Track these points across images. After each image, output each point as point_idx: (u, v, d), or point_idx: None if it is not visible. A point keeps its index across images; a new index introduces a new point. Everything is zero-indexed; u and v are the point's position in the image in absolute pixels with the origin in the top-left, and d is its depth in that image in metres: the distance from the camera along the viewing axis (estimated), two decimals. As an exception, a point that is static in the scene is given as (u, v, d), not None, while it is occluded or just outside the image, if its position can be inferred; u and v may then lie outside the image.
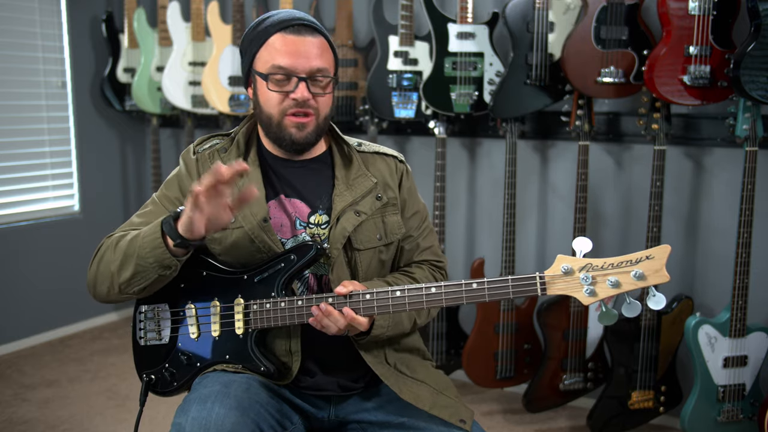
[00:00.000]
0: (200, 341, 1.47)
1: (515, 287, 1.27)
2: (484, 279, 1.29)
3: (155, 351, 1.51)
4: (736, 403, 2.36)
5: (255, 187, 1.37)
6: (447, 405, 1.44)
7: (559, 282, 1.23)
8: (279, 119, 1.43)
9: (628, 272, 1.18)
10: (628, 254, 1.19)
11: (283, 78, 1.41)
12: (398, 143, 3.20)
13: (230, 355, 1.45)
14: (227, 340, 1.45)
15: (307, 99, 1.41)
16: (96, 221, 3.80)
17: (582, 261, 1.22)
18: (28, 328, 3.52)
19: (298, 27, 1.41)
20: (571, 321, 2.62)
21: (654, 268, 1.17)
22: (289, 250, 1.43)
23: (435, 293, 1.32)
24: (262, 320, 1.41)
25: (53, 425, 2.70)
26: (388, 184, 1.54)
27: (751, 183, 2.25)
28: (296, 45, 1.40)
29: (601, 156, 2.78)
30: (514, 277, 1.27)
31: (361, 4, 3.14)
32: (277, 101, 1.42)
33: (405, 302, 1.34)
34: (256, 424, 1.29)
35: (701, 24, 2.26)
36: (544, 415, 2.80)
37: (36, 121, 3.54)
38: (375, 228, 1.49)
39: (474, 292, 1.29)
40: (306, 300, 1.38)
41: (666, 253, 1.17)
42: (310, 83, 1.41)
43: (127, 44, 3.59)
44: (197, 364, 1.47)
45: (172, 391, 1.51)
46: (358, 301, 1.36)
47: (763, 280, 2.51)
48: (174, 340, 1.49)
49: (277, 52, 1.40)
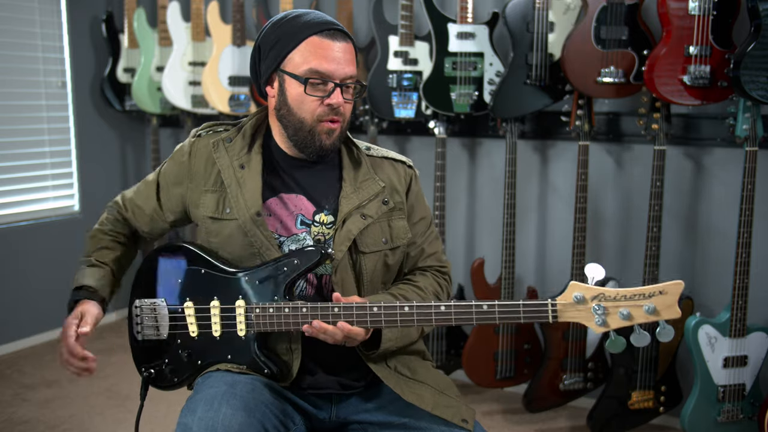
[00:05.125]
0: (200, 340, 1.46)
1: (526, 312, 1.27)
2: (495, 302, 1.28)
3: (154, 346, 1.50)
4: (736, 403, 2.36)
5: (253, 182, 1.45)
6: (449, 405, 1.44)
7: (571, 310, 1.23)
8: (312, 125, 1.42)
9: (641, 306, 1.19)
10: (642, 287, 1.20)
11: (320, 82, 1.40)
12: (398, 143, 3.21)
13: (232, 355, 1.44)
14: (229, 340, 1.44)
15: (341, 104, 1.41)
16: (96, 221, 3.78)
17: (595, 290, 1.22)
18: (28, 328, 3.52)
19: (333, 32, 1.40)
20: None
21: (666, 303, 1.18)
22: (293, 253, 1.41)
23: (444, 311, 1.32)
24: (264, 324, 1.40)
25: (53, 425, 2.70)
26: (396, 189, 1.53)
27: (751, 183, 2.25)
28: (333, 50, 1.39)
29: (601, 156, 2.78)
30: (525, 302, 1.27)
31: (361, 4, 3.14)
32: (313, 107, 1.41)
33: (413, 318, 1.33)
34: (262, 424, 1.29)
35: (701, 24, 2.26)
36: (544, 415, 2.80)
37: (36, 121, 3.54)
38: (381, 232, 1.49)
39: (484, 314, 1.29)
40: (311, 308, 1.36)
41: (679, 289, 1.18)
42: (344, 90, 1.41)
43: (127, 44, 3.59)
44: (198, 362, 1.46)
45: (172, 386, 1.51)
46: (365, 314, 1.35)
47: (763, 280, 2.51)
48: (173, 337, 1.48)
49: (313, 56, 1.38)
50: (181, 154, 1.55)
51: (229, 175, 1.47)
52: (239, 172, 1.46)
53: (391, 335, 1.43)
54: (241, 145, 1.50)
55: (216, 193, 1.48)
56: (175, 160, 1.56)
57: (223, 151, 1.49)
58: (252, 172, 1.47)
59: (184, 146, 1.56)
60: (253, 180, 1.46)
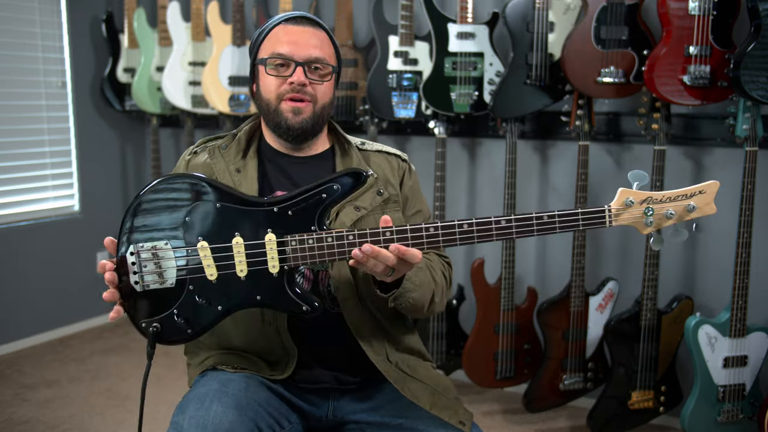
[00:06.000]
0: (220, 282, 1.29)
1: (585, 219, 1.29)
2: (555, 212, 1.29)
3: (158, 296, 1.31)
4: (736, 403, 2.36)
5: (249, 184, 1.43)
6: (447, 406, 1.44)
7: (624, 213, 1.30)
8: (276, 104, 1.46)
9: (683, 205, 1.29)
10: (683, 188, 1.30)
11: (281, 63, 1.44)
12: (398, 143, 3.20)
13: (262, 295, 1.30)
14: (257, 280, 1.29)
15: (303, 83, 1.43)
16: (96, 221, 3.80)
17: (643, 194, 1.30)
18: (28, 328, 3.52)
19: (299, 19, 1.47)
20: (571, 321, 2.62)
21: (705, 201, 1.29)
22: (330, 179, 1.29)
23: (505, 225, 1.29)
24: (303, 257, 1.28)
25: (53, 425, 2.70)
26: (389, 181, 1.54)
27: (751, 183, 2.25)
28: (296, 34, 1.45)
29: (601, 156, 2.78)
30: (584, 210, 1.29)
31: (361, 4, 3.14)
32: (275, 86, 1.45)
33: (473, 234, 1.28)
34: (254, 422, 1.29)
35: (701, 24, 2.26)
36: (544, 415, 2.80)
37: (36, 121, 3.54)
38: (375, 223, 1.48)
39: (545, 225, 1.29)
40: (359, 235, 1.26)
41: (716, 188, 1.29)
42: (308, 70, 1.44)
43: (127, 44, 3.59)
44: (218, 308, 1.30)
45: (186, 338, 1.33)
46: (421, 235, 1.27)
47: (763, 280, 2.51)
48: (183, 283, 1.30)
49: (278, 41, 1.45)
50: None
51: (226, 179, 1.48)
52: (236, 176, 1.48)
53: (415, 279, 1.37)
54: (236, 150, 1.52)
55: None
56: None
57: (219, 158, 1.51)
58: (248, 174, 1.48)
59: (180, 166, 1.56)
60: (249, 182, 1.47)
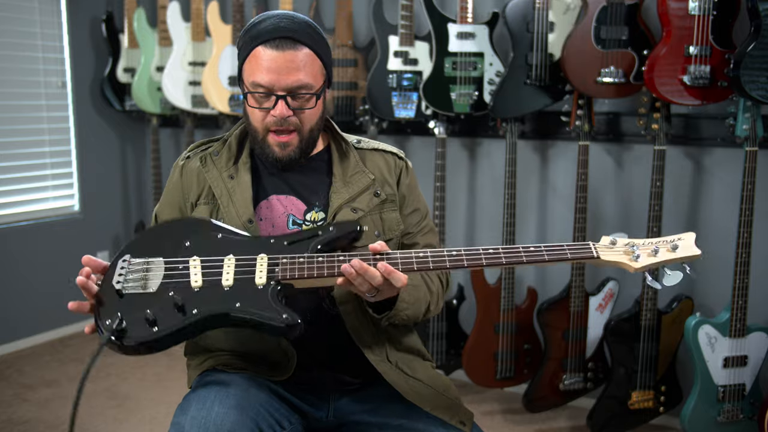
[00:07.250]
0: (202, 291, 1.29)
1: (573, 252, 1.30)
2: (541, 245, 1.32)
3: (133, 299, 1.29)
4: (736, 403, 2.36)
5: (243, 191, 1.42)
6: (447, 406, 1.44)
7: (608, 251, 1.32)
8: (263, 135, 1.43)
9: (667, 244, 1.32)
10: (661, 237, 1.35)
11: (262, 95, 1.39)
12: (398, 143, 3.20)
13: (242, 303, 1.26)
14: (241, 290, 1.28)
15: (286, 116, 1.39)
16: (96, 221, 3.80)
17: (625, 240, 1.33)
18: (28, 328, 3.52)
19: (278, 41, 1.36)
20: (571, 321, 2.62)
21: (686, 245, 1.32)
22: (329, 223, 1.36)
23: (493, 254, 1.29)
24: (292, 275, 1.28)
25: (53, 425, 2.70)
26: (386, 180, 1.53)
27: (751, 183, 2.25)
28: (276, 61, 1.36)
29: (601, 156, 2.78)
30: (570, 244, 1.31)
31: (361, 4, 3.14)
32: (259, 118, 1.42)
33: (462, 261, 1.29)
34: (255, 423, 1.29)
35: (701, 24, 2.26)
36: (544, 415, 2.80)
37: (36, 121, 3.54)
38: (373, 225, 1.49)
39: (532, 254, 1.29)
40: (348, 255, 1.28)
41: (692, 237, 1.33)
42: (290, 99, 1.39)
43: (127, 44, 3.59)
44: (193, 311, 1.26)
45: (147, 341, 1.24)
46: (410, 258, 1.28)
47: (763, 280, 2.51)
48: (165, 289, 1.29)
49: (257, 68, 1.37)
50: (172, 181, 1.55)
51: (220, 187, 1.47)
52: (229, 183, 1.47)
53: (407, 297, 1.38)
54: (228, 156, 1.51)
55: (209, 205, 1.48)
56: (169, 190, 1.56)
57: (211, 165, 1.50)
58: (241, 180, 1.48)
59: (174, 174, 1.55)
60: (243, 188, 1.46)
